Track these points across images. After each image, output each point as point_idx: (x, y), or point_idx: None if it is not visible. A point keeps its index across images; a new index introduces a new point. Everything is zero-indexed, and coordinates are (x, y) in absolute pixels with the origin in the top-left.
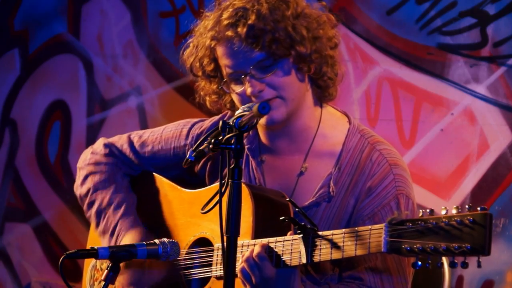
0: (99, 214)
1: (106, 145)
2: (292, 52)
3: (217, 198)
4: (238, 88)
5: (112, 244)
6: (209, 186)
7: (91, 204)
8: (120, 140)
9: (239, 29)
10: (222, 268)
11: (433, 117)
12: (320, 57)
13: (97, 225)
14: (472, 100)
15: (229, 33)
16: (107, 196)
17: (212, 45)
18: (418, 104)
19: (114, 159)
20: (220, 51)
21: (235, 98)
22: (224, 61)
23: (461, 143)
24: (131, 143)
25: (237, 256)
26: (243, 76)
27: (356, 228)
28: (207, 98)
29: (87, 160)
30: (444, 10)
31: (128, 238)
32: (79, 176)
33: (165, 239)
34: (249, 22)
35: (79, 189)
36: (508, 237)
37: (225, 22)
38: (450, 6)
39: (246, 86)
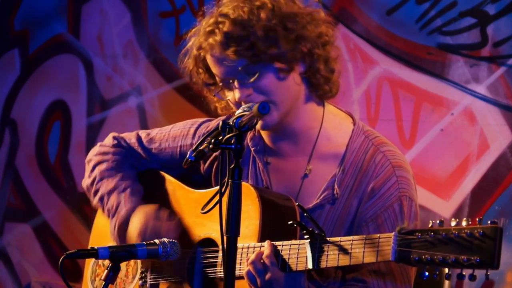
0: (102, 199)
1: (115, 138)
2: (269, 55)
3: (217, 198)
4: (230, 94)
5: (115, 219)
6: (216, 187)
7: (96, 192)
8: (128, 135)
9: (216, 37)
10: None
11: (433, 117)
12: (305, 55)
13: (103, 209)
14: (472, 100)
15: (210, 40)
16: (114, 182)
17: (201, 54)
18: (418, 104)
19: (121, 149)
20: (208, 59)
21: (230, 104)
22: (213, 69)
23: (461, 143)
24: (139, 139)
25: (243, 257)
26: (231, 82)
27: (365, 236)
28: (217, 104)
29: (95, 151)
30: (444, 10)
31: (136, 214)
32: (87, 168)
33: (165, 239)
34: (224, 29)
35: (86, 180)
36: (508, 237)
37: (207, 29)
38: (450, 6)
39: (234, 92)
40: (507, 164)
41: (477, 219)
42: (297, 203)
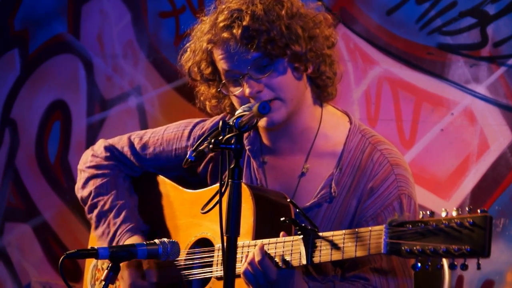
0: (100, 218)
1: (107, 148)
2: (288, 51)
3: (217, 198)
4: (236, 90)
5: None
6: (210, 187)
7: (92, 208)
8: (120, 142)
9: (234, 31)
10: (222, 269)
11: (433, 117)
12: (317, 56)
13: (96, 228)
14: (472, 100)
15: (225, 34)
16: (109, 201)
17: (209, 48)
18: (418, 104)
19: (115, 162)
20: (217, 53)
21: (234, 100)
22: (221, 64)
23: (461, 143)
24: (131, 145)
25: (238, 256)
26: (240, 77)
27: (356, 229)
28: (207, 103)
29: (88, 162)
30: (444, 10)
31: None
32: (80, 178)
33: (165, 239)
34: (244, 23)
35: (80, 192)
36: (508, 237)
37: (221, 24)
38: (450, 6)
39: (244, 87)
40: (507, 164)
41: (467, 209)
42: (289, 200)
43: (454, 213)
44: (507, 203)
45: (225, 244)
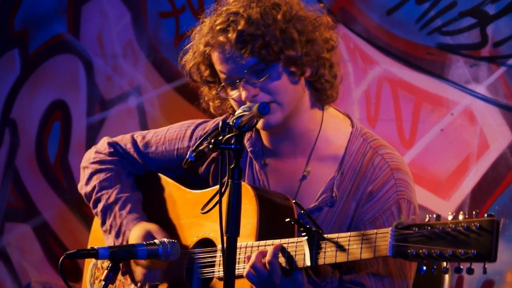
0: (105, 213)
1: (110, 144)
2: (282, 56)
3: (217, 198)
4: (234, 93)
5: (118, 242)
6: (214, 187)
7: (96, 202)
8: (123, 140)
9: (229, 35)
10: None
11: (433, 117)
12: (314, 60)
13: (103, 223)
14: (472, 100)
15: (221, 38)
16: (113, 195)
17: (207, 51)
18: (418, 104)
19: (118, 158)
20: (214, 57)
21: (233, 103)
22: (218, 67)
23: (461, 143)
24: (134, 143)
25: (240, 257)
26: (237, 81)
27: (362, 232)
28: (211, 103)
29: (92, 159)
30: (444, 10)
31: (133, 235)
32: (84, 175)
33: (165, 239)
34: (239, 27)
35: (84, 188)
36: (508, 237)
37: (218, 27)
38: (450, 6)
39: (240, 91)
40: (507, 164)
41: (474, 213)
42: (294, 201)
43: (461, 217)
44: (507, 203)
45: (225, 244)
